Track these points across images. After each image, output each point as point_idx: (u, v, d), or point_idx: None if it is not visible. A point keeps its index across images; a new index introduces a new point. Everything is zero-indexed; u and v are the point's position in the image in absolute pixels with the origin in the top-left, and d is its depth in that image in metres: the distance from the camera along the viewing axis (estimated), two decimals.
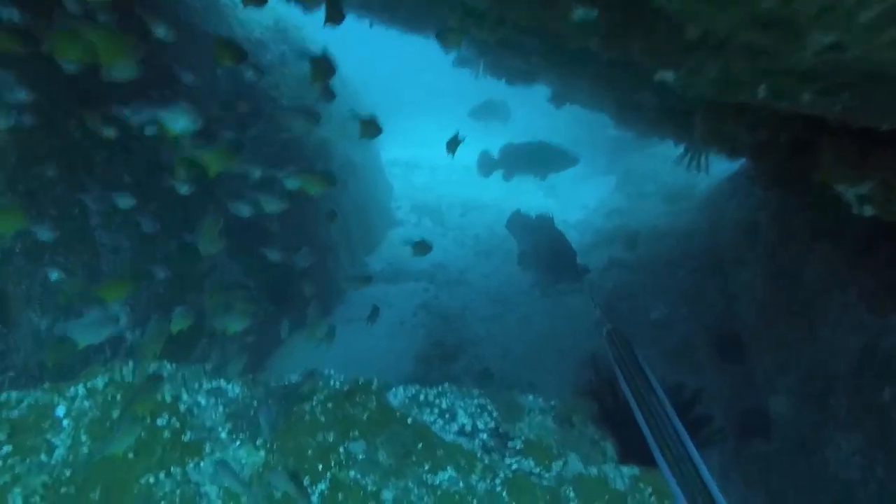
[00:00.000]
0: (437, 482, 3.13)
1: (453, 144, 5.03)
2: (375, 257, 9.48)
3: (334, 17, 4.14)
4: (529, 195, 13.59)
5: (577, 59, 3.80)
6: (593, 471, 3.31)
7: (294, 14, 7.58)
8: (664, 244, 8.70)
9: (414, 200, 11.99)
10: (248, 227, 6.18)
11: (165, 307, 5.41)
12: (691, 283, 7.43)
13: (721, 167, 7.42)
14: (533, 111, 18.72)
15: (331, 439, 3.31)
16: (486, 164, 9.82)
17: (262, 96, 7.37)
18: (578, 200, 13.82)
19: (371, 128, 4.33)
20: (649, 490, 3.20)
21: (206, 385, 3.62)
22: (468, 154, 9.94)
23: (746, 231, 6.59)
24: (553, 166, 9.50)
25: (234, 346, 6.37)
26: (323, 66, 4.16)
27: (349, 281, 5.94)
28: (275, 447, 3.27)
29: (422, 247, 5.34)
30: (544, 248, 7.73)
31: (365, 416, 3.47)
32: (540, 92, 8.18)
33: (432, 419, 3.55)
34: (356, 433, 3.37)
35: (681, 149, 6.13)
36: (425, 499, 3.05)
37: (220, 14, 7.27)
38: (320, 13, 4.38)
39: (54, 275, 4.37)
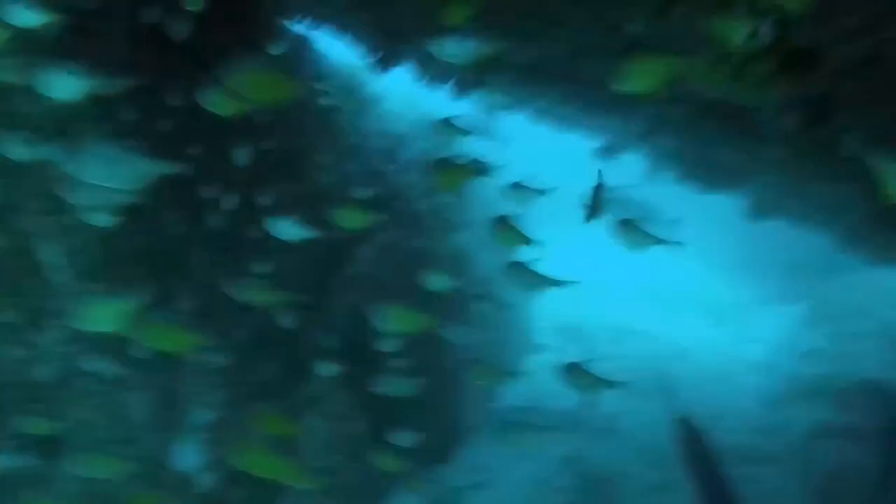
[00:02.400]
0: None
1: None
2: (508, 390, 7.91)
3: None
4: (690, 326, 11.51)
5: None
6: None
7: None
8: None
9: (556, 320, 10.34)
10: (362, 352, 5.03)
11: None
12: None
13: None
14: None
15: None
16: None
17: (394, 195, 6.42)
18: (750, 333, 11.54)
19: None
20: None
21: None
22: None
23: None
24: None
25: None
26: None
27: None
28: None
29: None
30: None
31: None
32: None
33: None
34: None
35: None
36: None
37: (362, 104, 6.59)
38: None
39: None
